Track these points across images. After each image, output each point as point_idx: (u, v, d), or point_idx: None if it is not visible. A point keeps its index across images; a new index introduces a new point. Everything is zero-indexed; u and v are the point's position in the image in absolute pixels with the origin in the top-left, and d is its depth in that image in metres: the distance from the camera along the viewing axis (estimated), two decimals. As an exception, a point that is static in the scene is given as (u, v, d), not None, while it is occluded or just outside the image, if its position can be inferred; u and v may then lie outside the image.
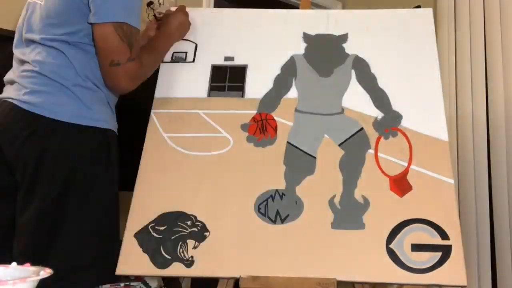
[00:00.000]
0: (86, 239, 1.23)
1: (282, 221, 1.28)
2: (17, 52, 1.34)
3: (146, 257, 1.25)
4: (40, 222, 1.20)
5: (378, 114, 1.42)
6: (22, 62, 1.31)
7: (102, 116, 1.29)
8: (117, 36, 1.20)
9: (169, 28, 1.49)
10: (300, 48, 1.54)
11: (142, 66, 1.29)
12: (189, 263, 1.24)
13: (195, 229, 1.27)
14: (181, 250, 1.25)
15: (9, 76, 1.34)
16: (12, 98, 1.26)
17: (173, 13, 1.53)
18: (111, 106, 1.36)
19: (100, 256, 1.25)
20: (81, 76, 1.26)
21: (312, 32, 1.56)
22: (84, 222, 1.23)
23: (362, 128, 1.40)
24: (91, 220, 1.24)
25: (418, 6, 1.65)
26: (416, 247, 1.23)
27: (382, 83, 1.46)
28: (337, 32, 1.56)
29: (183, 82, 1.51)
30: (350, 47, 1.53)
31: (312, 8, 2.01)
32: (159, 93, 1.50)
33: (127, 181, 1.40)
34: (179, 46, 1.56)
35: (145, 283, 1.50)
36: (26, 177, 1.22)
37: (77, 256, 1.21)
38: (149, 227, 1.29)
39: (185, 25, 1.54)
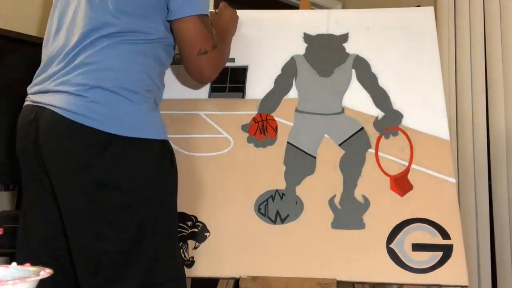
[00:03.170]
0: (162, 254, 1.10)
1: (282, 221, 1.28)
2: (53, 52, 1.16)
3: (147, 257, 1.25)
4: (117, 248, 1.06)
5: (378, 113, 1.42)
6: (63, 63, 1.12)
7: (160, 127, 1.16)
8: (202, 25, 1.17)
9: (223, 24, 1.45)
10: (300, 48, 1.54)
11: (222, 55, 1.28)
12: (189, 263, 1.24)
13: (196, 230, 1.28)
14: (181, 250, 1.25)
15: (42, 80, 1.16)
16: (55, 106, 1.08)
17: (220, 11, 1.50)
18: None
19: (175, 270, 1.14)
20: (141, 82, 1.13)
21: (313, 32, 1.56)
22: (160, 237, 1.10)
23: (362, 128, 1.40)
24: (164, 235, 1.12)
25: (418, 6, 1.65)
26: (417, 247, 1.22)
27: (382, 82, 1.46)
28: (337, 32, 1.56)
29: (184, 84, 1.51)
30: (350, 47, 1.53)
31: (312, 8, 2.01)
32: (159, 94, 1.50)
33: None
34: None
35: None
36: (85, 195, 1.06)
37: (155, 274, 1.08)
38: (150, 227, 1.30)
39: (235, 17, 1.52)
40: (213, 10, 1.57)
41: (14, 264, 0.68)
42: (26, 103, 1.19)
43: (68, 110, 1.06)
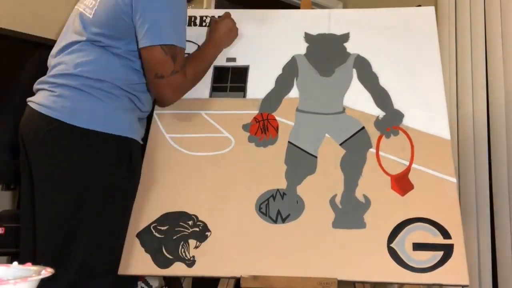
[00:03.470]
0: (102, 246, 1.23)
1: (283, 220, 1.28)
2: (50, 59, 1.37)
3: (148, 256, 1.26)
4: (56, 228, 1.21)
5: (379, 113, 1.42)
6: (51, 66, 1.34)
7: (124, 125, 1.30)
8: (163, 53, 1.25)
9: (218, 35, 1.50)
10: (301, 48, 1.54)
11: (187, 78, 1.34)
12: (190, 262, 1.24)
13: (197, 229, 1.28)
14: (182, 250, 1.25)
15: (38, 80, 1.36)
16: (32, 102, 1.29)
17: (221, 20, 1.53)
18: (137, 116, 1.37)
19: (115, 264, 1.24)
20: (107, 82, 1.28)
21: (314, 31, 1.57)
22: (100, 230, 1.23)
23: (363, 127, 1.40)
24: (107, 228, 1.25)
25: (419, 6, 1.65)
26: (418, 246, 1.22)
27: (383, 82, 1.46)
28: (338, 31, 1.56)
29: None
30: (351, 46, 1.53)
31: (313, 8, 2.01)
32: (161, 93, 1.50)
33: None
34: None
35: (147, 283, 1.51)
36: (41, 180, 1.24)
37: (94, 263, 1.21)
38: (151, 227, 1.30)
39: (233, 31, 1.54)
40: (215, 16, 1.58)
41: (15, 263, 0.68)
42: None
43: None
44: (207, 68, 1.48)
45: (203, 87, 1.50)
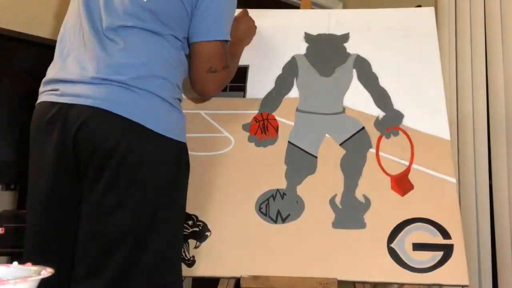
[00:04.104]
0: (169, 255, 1.10)
1: (283, 220, 1.28)
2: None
3: (148, 257, 1.26)
4: (130, 234, 1.04)
5: (379, 113, 1.42)
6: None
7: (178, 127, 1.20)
8: (221, 48, 1.21)
9: (239, 34, 1.45)
10: (301, 48, 1.54)
11: (230, 74, 1.30)
12: (190, 262, 1.24)
13: (197, 229, 1.28)
14: (182, 249, 1.25)
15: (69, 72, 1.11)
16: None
17: (240, 18, 1.47)
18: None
19: (179, 273, 1.13)
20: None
21: (314, 32, 1.57)
22: (169, 237, 1.10)
23: (363, 128, 1.40)
24: (173, 234, 1.12)
25: (419, 6, 1.65)
26: (418, 247, 1.23)
27: (383, 82, 1.46)
28: (338, 31, 1.56)
29: (184, 83, 1.51)
30: (351, 47, 1.53)
31: (313, 8, 2.01)
32: (160, 93, 1.50)
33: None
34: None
35: (146, 283, 1.51)
36: (115, 179, 1.04)
37: (162, 274, 1.07)
38: (151, 227, 1.30)
39: (253, 29, 1.52)
40: None
41: (15, 263, 0.68)
42: None
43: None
44: (237, 64, 1.43)
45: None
